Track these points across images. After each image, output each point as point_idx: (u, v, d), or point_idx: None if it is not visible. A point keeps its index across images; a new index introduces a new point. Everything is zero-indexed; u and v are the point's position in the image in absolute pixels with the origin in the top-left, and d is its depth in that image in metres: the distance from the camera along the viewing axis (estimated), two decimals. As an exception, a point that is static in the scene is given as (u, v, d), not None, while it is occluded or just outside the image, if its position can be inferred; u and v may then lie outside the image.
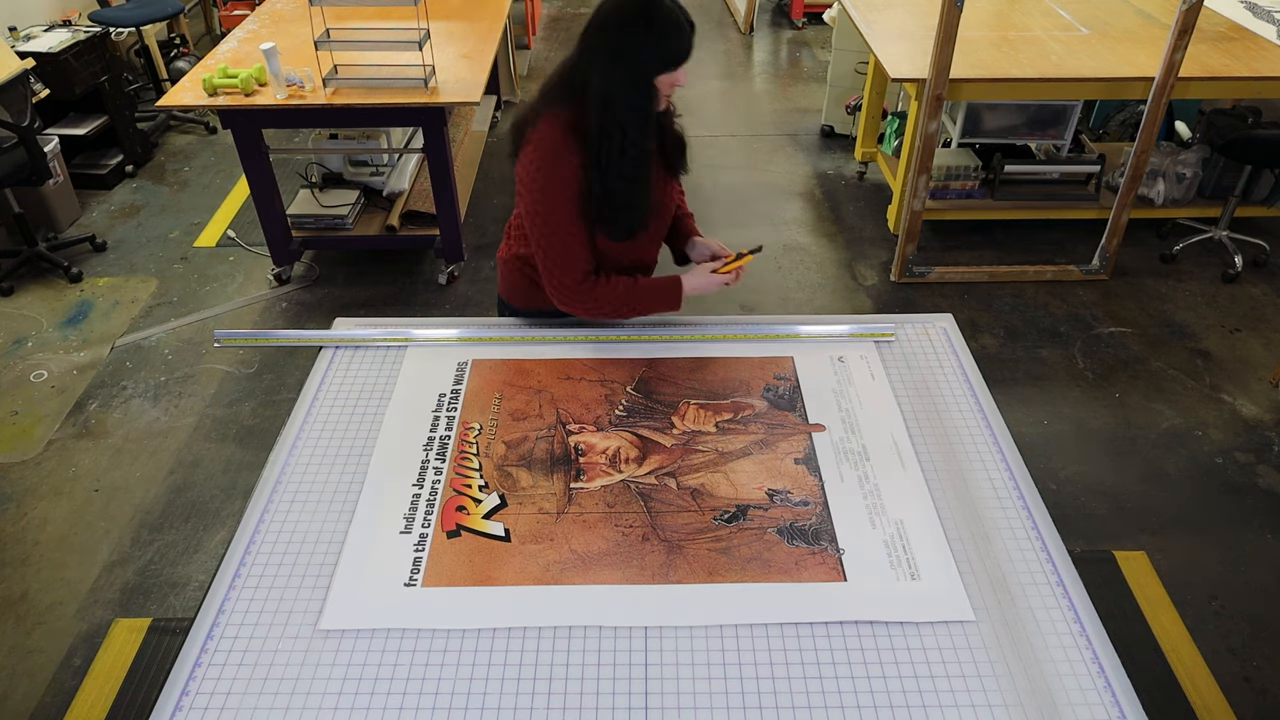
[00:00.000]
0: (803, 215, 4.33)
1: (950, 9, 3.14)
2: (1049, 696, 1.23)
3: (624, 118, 1.61)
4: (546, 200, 1.68)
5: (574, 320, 1.94)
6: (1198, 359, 3.39)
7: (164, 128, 5.10)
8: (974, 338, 3.49)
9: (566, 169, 1.65)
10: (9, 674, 2.31)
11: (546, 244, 1.72)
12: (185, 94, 3.32)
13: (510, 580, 1.38)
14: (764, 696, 1.23)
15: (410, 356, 1.85)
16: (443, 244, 3.75)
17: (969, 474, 1.58)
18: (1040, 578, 1.39)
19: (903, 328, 1.95)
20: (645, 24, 1.55)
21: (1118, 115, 4.73)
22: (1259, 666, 2.34)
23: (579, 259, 1.73)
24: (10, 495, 2.82)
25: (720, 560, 1.41)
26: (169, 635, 2.40)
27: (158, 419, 3.11)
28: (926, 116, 3.44)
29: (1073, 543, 1.57)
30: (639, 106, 1.62)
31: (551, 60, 6.17)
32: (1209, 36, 3.78)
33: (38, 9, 4.81)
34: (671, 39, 1.57)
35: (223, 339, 1.95)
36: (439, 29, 3.79)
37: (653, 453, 1.62)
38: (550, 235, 1.70)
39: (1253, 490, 2.84)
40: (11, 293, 3.75)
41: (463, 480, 1.56)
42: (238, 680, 1.25)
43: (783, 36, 6.69)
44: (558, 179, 1.65)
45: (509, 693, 1.23)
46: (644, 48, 1.56)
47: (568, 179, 1.66)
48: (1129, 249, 3.94)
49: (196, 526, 2.71)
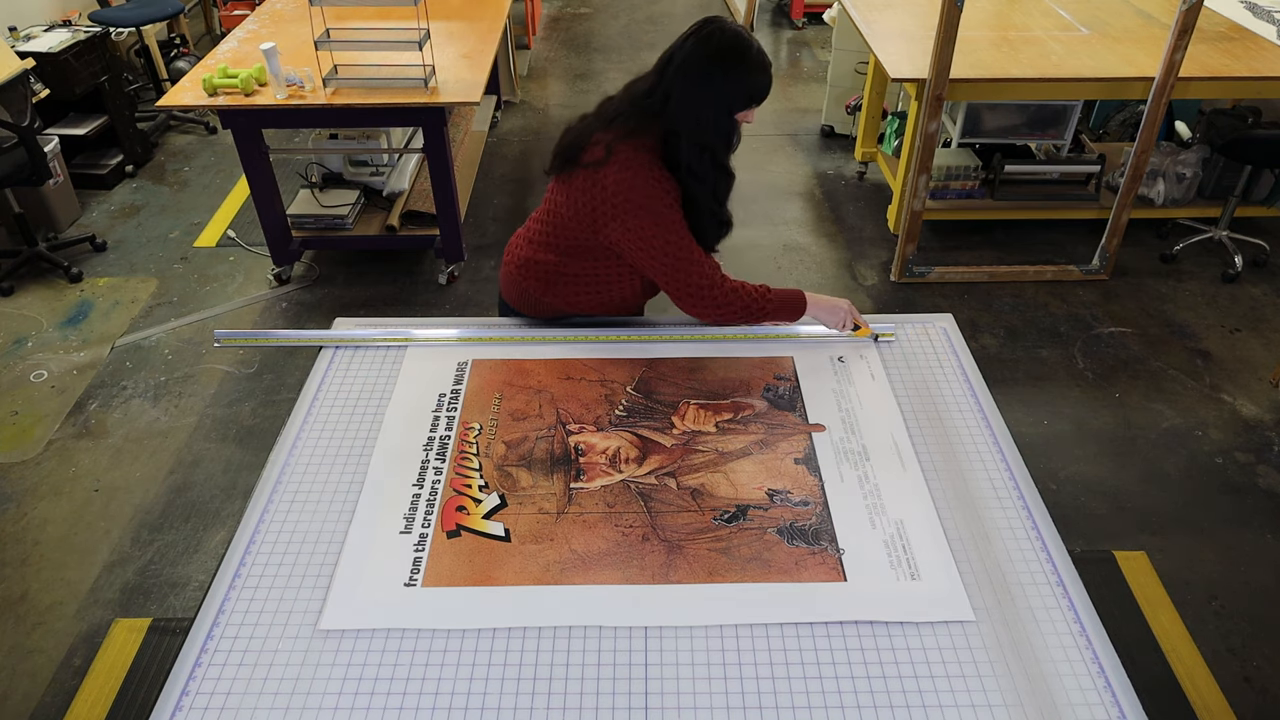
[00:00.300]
0: (803, 215, 4.33)
1: (950, 9, 3.14)
2: (1049, 696, 1.23)
3: (715, 145, 1.71)
4: (661, 218, 1.71)
5: (574, 320, 1.94)
6: (1198, 359, 3.39)
7: (164, 128, 5.10)
8: (974, 338, 3.49)
9: (663, 185, 1.71)
10: (9, 674, 2.31)
11: (674, 257, 1.73)
12: (185, 94, 3.32)
13: (510, 580, 1.38)
14: (764, 696, 1.23)
15: (410, 356, 1.85)
16: (443, 244, 3.75)
17: (969, 474, 1.58)
18: (1040, 578, 1.39)
19: (903, 328, 1.95)
20: (739, 63, 1.66)
21: (1118, 115, 4.73)
22: (1259, 666, 2.34)
23: (706, 260, 1.77)
24: (10, 495, 2.82)
25: (720, 560, 1.41)
26: (169, 635, 2.40)
27: (158, 419, 3.11)
28: (926, 116, 3.44)
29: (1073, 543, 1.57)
30: (726, 134, 1.73)
31: (552, 60, 6.17)
32: (1209, 36, 3.79)
33: (38, 9, 4.81)
34: (761, 78, 1.69)
35: (223, 339, 1.95)
36: (439, 29, 3.79)
37: (653, 453, 1.62)
38: (675, 247, 1.73)
39: (1253, 490, 2.84)
40: (11, 293, 3.75)
41: (463, 480, 1.56)
42: (238, 680, 1.25)
43: (783, 36, 6.69)
44: (662, 193, 1.71)
45: (509, 693, 1.23)
46: (735, 84, 1.67)
47: (670, 192, 1.72)
48: (1129, 249, 3.94)
49: (196, 526, 2.71)
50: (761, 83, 1.68)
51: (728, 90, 1.66)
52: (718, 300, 1.77)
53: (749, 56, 1.65)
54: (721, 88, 1.66)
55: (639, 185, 1.69)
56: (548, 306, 1.94)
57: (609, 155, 1.71)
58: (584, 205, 1.75)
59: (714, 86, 1.66)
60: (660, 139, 1.71)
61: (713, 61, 1.65)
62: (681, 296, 1.78)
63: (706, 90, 1.66)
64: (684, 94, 1.66)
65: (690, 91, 1.66)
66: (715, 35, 1.65)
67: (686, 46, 1.67)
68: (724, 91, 1.66)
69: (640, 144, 1.71)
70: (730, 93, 1.67)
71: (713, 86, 1.66)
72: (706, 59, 1.65)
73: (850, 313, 1.88)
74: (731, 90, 1.66)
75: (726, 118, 1.70)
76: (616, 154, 1.70)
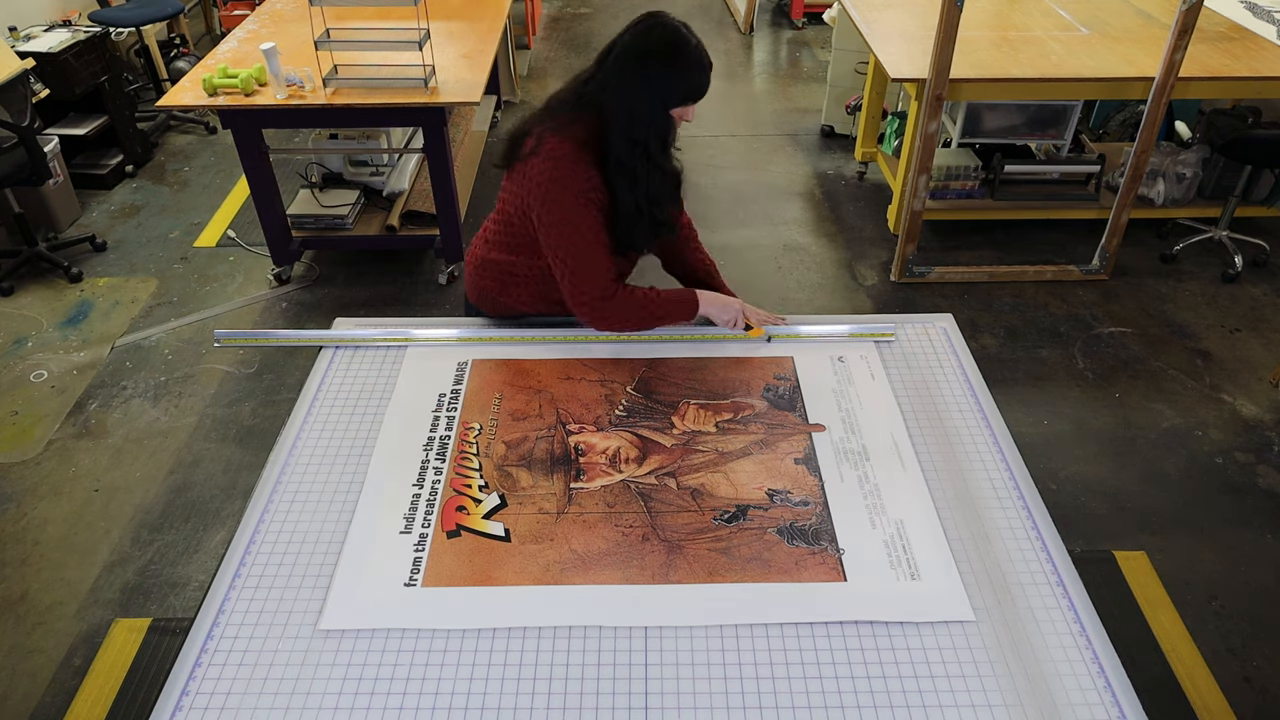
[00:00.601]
0: (803, 215, 4.33)
1: (950, 9, 3.14)
2: (1049, 696, 1.23)
3: (648, 140, 1.68)
4: (570, 215, 1.70)
5: (574, 320, 1.94)
6: (1198, 359, 3.39)
7: (164, 128, 5.10)
8: (974, 338, 3.49)
9: (584, 182, 1.68)
10: (9, 674, 2.31)
11: (573, 258, 1.73)
12: (185, 94, 3.32)
13: (510, 580, 1.38)
14: (764, 696, 1.23)
15: (410, 356, 1.85)
16: (443, 244, 3.75)
17: (969, 474, 1.58)
18: (1040, 578, 1.39)
19: (903, 328, 1.95)
20: (675, 58, 1.64)
21: (1118, 115, 4.73)
22: (1259, 666, 2.34)
23: (605, 270, 1.75)
24: (10, 495, 2.82)
25: (720, 560, 1.41)
26: (169, 635, 2.40)
27: (158, 419, 3.11)
28: (926, 116, 3.44)
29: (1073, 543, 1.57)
30: (660, 132, 1.69)
31: (552, 60, 6.17)
32: (1209, 36, 3.78)
33: (38, 9, 4.81)
34: (697, 75, 1.67)
35: (223, 339, 1.95)
36: (439, 29, 3.79)
37: (653, 453, 1.62)
38: (577, 249, 1.72)
39: (1253, 490, 2.84)
40: (11, 293, 3.75)
41: (463, 480, 1.56)
42: (238, 680, 1.25)
43: (783, 36, 6.69)
44: (576, 192, 1.68)
45: (509, 693, 1.23)
46: (669, 79, 1.65)
47: (587, 192, 1.69)
48: (1129, 249, 3.94)
49: (196, 526, 2.71)
50: (696, 80, 1.66)
51: (662, 85, 1.64)
52: (605, 312, 1.77)
53: (685, 52, 1.64)
54: (656, 82, 1.64)
55: (557, 177, 1.68)
56: (507, 306, 1.94)
57: (538, 145, 1.71)
58: (520, 198, 1.76)
59: (648, 80, 1.64)
60: (595, 132, 1.70)
61: (648, 55, 1.63)
62: (571, 300, 1.78)
63: (640, 83, 1.64)
64: (619, 86, 1.65)
65: (624, 84, 1.65)
66: (654, 29, 1.64)
67: (625, 38, 1.66)
68: (658, 85, 1.64)
69: (571, 135, 1.69)
70: (664, 87, 1.65)
71: (647, 80, 1.64)
72: (642, 52, 1.64)
73: (743, 312, 1.87)
74: (666, 85, 1.65)
75: (661, 113, 1.67)
76: (544, 144, 1.70)
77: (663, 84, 1.65)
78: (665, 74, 1.64)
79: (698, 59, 1.65)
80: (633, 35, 1.65)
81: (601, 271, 1.74)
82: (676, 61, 1.64)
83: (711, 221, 4.20)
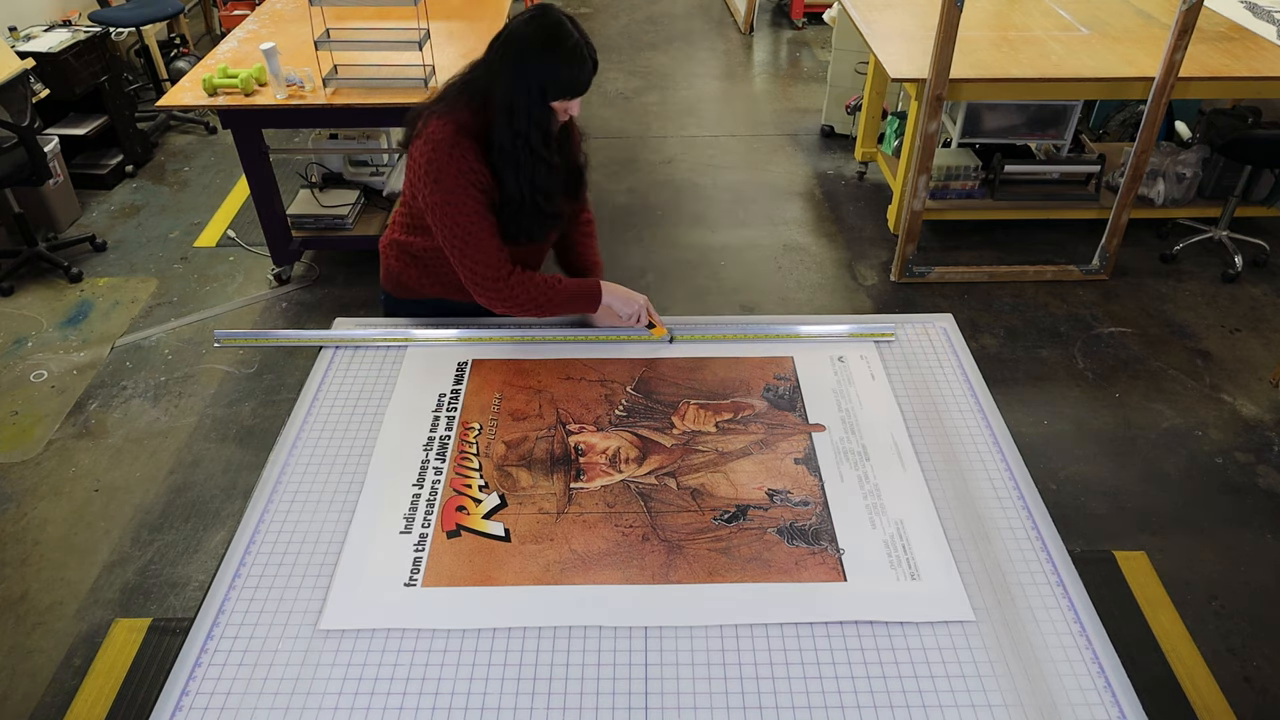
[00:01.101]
0: (803, 215, 4.33)
1: (950, 9, 3.14)
2: (1049, 696, 1.23)
3: (527, 130, 1.68)
4: (452, 196, 1.70)
5: (574, 320, 1.94)
6: (1198, 359, 3.39)
7: (164, 128, 5.10)
8: (974, 338, 3.49)
9: (464, 164, 1.69)
10: (9, 674, 2.31)
11: (461, 239, 1.73)
12: (185, 94, 3.32)
13: (510, 580, 1.38)
14: (764, 696, 1.23)
15: (410, 356, 1.85)
16: (443, 244, 3.74)
17: (969, 474, 1.58)
18: (1040, 578, 1.39)
19: (903, 328, 1.95)
20: (552, 50, 1.64)
21: (1118, 115, 4.73)
22: (1259, 666, 2.34)
23: (496, 250, 1.75)
24: (10, 495, 2.82)
25: (720, 560, 1.41)
26: (169, 635, 2.40)
27: (158, 419, 3.11)
28: (926, 116, 3.44)
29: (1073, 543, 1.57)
30: (540, 123, 1.70)
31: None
32: (1209, 36, 3.79)
33: (38, 9, 4.81)
34: (574, 69, 1.66)
35: (223, 339, 1.95)
36: (439, 29, 3.79)
37: (653, 453, 1.62)
38: (463, 230, 1.72)
39: (1253, 490, 2.84)
40: (11, 293, 3.75)
41: (463, 480, 1.56)
42: (238, 680, 1.25)
43: (783, 36, 6.69)
44: (456, 173, 1.69)
45: (509, 693, 1.23)
46: (547, 72, 1.65)
47: (467, 174, 1.69)
48: (1129, 249, 3.94)
49: (196, 526, 2.71)
50: (573, 74, 1.66)
51: (540, 76, 1.64)
52: (502, 293, 1.77)
53: (564, 45, 1.63)
54: (534, 73, 1.64)
55: (437, 159, 1.68)
56: (413, 289, 1.96)
57: (423, 128, 1.72)
58: (410, 181, 1.78)
59: (527, 70, 1.64)
60: (480, 117, 1.70)
61: (529, 45, 1.63)
62: (468, 282, 1.78)
63: (520, 72, 1.64)
64: (500, 74, 1.66)
65: (506, 72, 1.65)
66: (536, 20, 1.64)
67: (511, 26, 1.66)
68: (536, 76, 1.64)
69: (456, 118, 1.70)
70: (543, 78, 1.64)
71: (526, 70, 1.64)
72: (523, 41, 1.64)
73: (646, 309, 1.87)
74: (544, 76, 1.64)
75: (540, 104, 1.67)
76: (428, 126, 1.71)
77: (541, 76, 1.64)
78: (543, 66, 1.64)
79: (577, 54, 1.64)
80: (517, 25, 1.66)
81: (491, 251, 1.74)
82: (554, 54, 1.63)
83: (711, 221, 4.20)
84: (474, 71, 1.73)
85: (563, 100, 1.69)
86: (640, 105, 5.47)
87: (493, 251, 1.75)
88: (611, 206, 4.36)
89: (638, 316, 1.87)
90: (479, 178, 1.71)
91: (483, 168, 1.71)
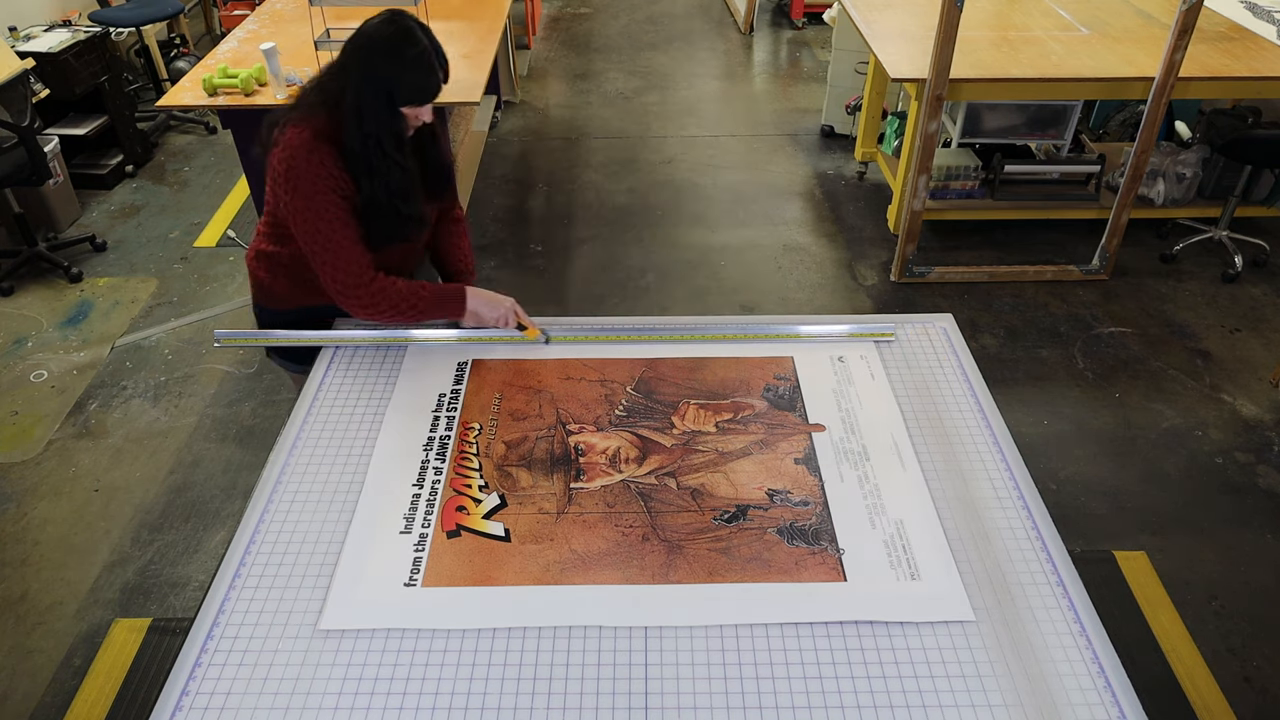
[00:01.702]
0: (803, 215, 4.33)
1: (950, 9, 3.14)
2: (1049, 696, 1.23)
3: (377, 134, 1.68)
4: (311, 202, 1.69)
5: (574, 320, 1.94)
6: (1198, 359, 3.39)
7: (164, 128, 5.10)
8: (974, 338, 3.49)
9: (322, 169, 1.68)
10: (9, 674, 2.31)
11: (321, 245, 1.72)
12: (185, 94, 3.32)
13: (510, 580, 1.38)
14: (764, 696, 1.23)
15: (410, 356, 1.85)
16: (443, 244, 3.74)
17: (969, 474, 1.58)
18: (1040, 578, 1.39)
19: (903, 328, 1.95)
20: (398, 56, 1.64)
21: (1118, 115, 4.73)
22: (1259, 666, 2.34)
23: (357, 256, 1.74)
24: (10, 495, 2.82)
25: (720, 560, 1.41)
26: (169, 635, 2.40)
27: (158, 419, 3.11)
28: (926, 116, 3.44)
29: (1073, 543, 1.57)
30: (390, 127, 1.69)
31: (552, 60, 6.18)
32: (1209, 36, 3.78)
33: (38, 9, 4.81)
34: (420, 76, 1.67)
35: (223, 339, 1.95)
36: (439, 29, 3.75)
37: (653, 453, 1.62)
38: (324, 236, 1.72)
39: (1253, 490, 2.84)
40: (11, 293, 3.75)
41: (463, 480, 1.56)
42: (238, 680, 1.25)
43: (783, 36, 6.69)
44: (314, 179, 1.68)
45: (509, 693, 1.23)
46: (394, 77, 1.65)
47: (325, 179, 1.68)
48: (1129, 249, 3.94)
49: (196, 526, 2.71)
50: (418, 81, 1.66)
51: (387, 82, 1.64)
52: (363, 299, 1.77)
53: (409, 52, 1.64)
54: (380, 79, 1.64)
55: (296, 166, 1.68)
56: (288, 300, 1.96)
57: (280, 134, 1.71)
58: (271, 189, 1.77)
59: (375, 75, 1.64)
60: (337, 122, 1.69)
61: (375, 49, 1.64)
62: (330, 289, 1.77)
63: (368, 77, 1.64)
64: (351, 78, 1.66)
65: (355, 75, 1.65)
66: (387, 25, 1.65)
67: (361, 30, 1.67)
68: (384, 81, 1.64)
69: (312, 124, 1.69)
70: (389, 84, 1.65)
71: (374, 75, 1.64)
72: (370, 46, 1.64)
73: (514, 312, 1.86)
74: (390, 82, 1.64)
75: (387, 108, 1.67)
76: (286, 131, 1.70)
77: (388, 81, 1.64)
78: (390, 71, 1.64)
79: (421, 61, 1.65)
80: (366, 29, 1.66)
81: (353, 257, 1.74)
82: (401, 60, 1.64)
83: (711, 221, 4.20)
84: (327, 75, 1.72)
85: (411, 106, 1.69)
86: (640, 105, 5.47)
87: (354, 257, 1.74)
88: (611, 206, 4.37)
89: (505, 319, 1.86)
90: (338, 183, 1.70)
91: (341, 173, 1.70)
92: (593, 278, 3.85)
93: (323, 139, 1.68)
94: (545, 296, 3.73)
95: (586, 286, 3.80)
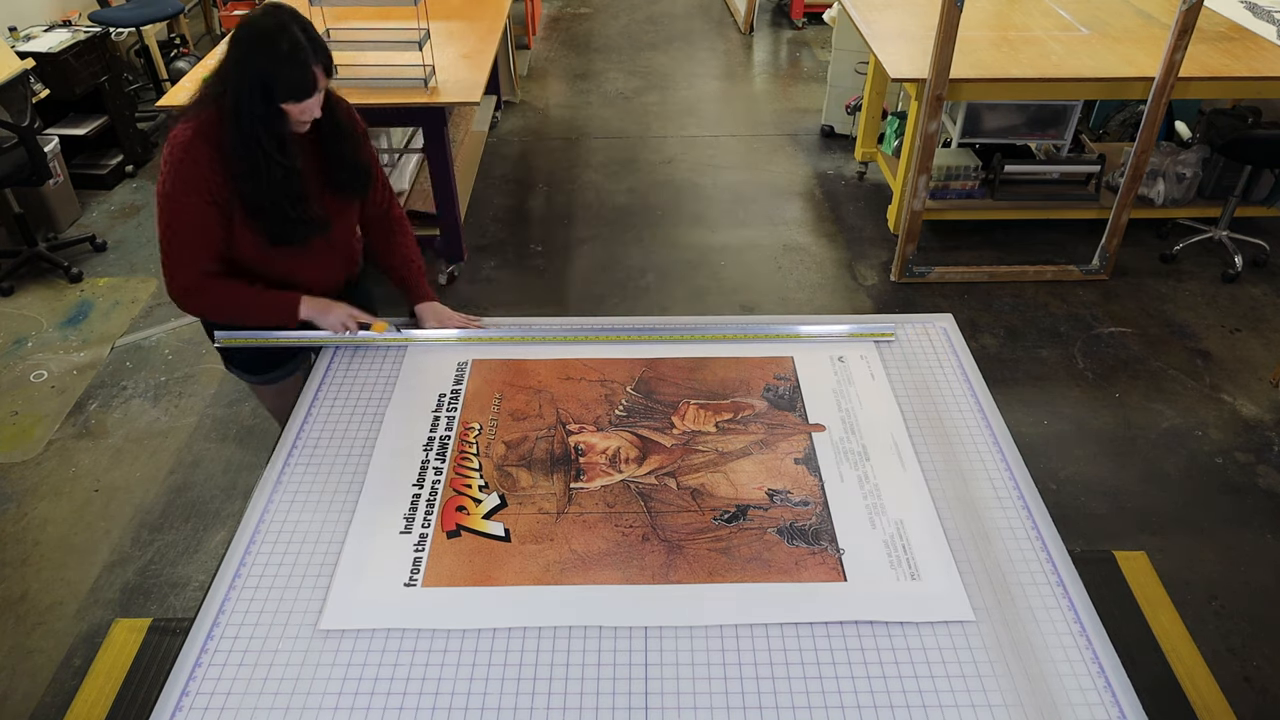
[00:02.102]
0: (803, 215, 4.33)
1: (950, 9, 3.14)
2: (1049, 696, 1.23)
3: (255, 133, 1.64)
4: (170, 200, 1.68)
5: (574, 320, 1.94)
6: (1198, 359, 3.39)
7: (164, 128, 5.10)
8: (974, 338, 3.49)
9: (193, 170, 1.66)
10: (9, 674, 2.31)
11: (166, 239, 1.72)
12: (185, 94, 3.31)
13: (510, 580, 1.38)
14: (764, 696, 1.23)
15: (410, 356, 1.86)
16: (443, 244, 3.75)
17: (969, 474, 1.58)
18: (1040, 578, 1.39)
19: (903, 328, 1.95)
20: (270, 51, 1.60)
21: (1118, 115, 4.73)
22: (1259, 666, 2.34)
23: (191, 259, 1.74)
24: (10, 495, 2.82)
25: (720, 560, 1.41)
26: (169, 635, 2.39)
27: (158, 419, 3.11)
28: (926, 116, 3.44)
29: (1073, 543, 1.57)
30: (270, 126, 1.65)
31: (552, 60, 6.17)
32: (1209, 36, 3.78)
33: (38, 9, 4.80)
34: (293, 70, 1.61)
35: (223, 339, 1.95)
36: (439, 29, 3.79)
37: (653, 453, 1.62)
38: (171, 231, 1.71)
39: (1253, 490, 2.84)
40: (11, 293, 3.75)
41: (463, 480, 1.56)
42: (238, 680, 1.25)
43: (783, 36, 6.69)
44: (182, 178, 1.66)
45: (509, 693, 1.23)
46: (267, 72, 1.60)
47: (192, 180, 1.66)
48: (1129, 249, 3.94)
49: (196, 526, 2.71)
50: (289, 75, 1.61)
51: (261, 76, 1.60)
52: (186, 304, 1.79)
53: (279, 46, 1.59)
54: (254, 74, 1.60)
55: (171, 160, 1.67)
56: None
57: (172, 128, 1.70)
58: None
59: (249, 70, 1.60)
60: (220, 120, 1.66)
61: (247, 43, 1.61)
62: (168, 288, 1.78)
63: (243, 71, 1.61)
64: (231, 74, 1.62)
65: (232, 71, 1.62)
66: (260, 20, 1.61)
67: (241, 23, 1.63)
68: (258, 76, 1.60)
69: (199, 122, 1.67)
70: (264, 79, 1.60)
71: (249, 68, 1.60)
72: (243, 40, 1.61)
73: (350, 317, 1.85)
74: (264, 76, 1.60)
75: (263, 104, 1.62)
76: (175, 127, 1.69)
77: (262, 76, 1.60)
78: (264, 68, 1.60)
79: (291, 55, 1.59)
80: (242, 22, 1.63)
81: (187, 263, 1.74)
82: (272, 54, 1.59)
83: (711, 221, 4.20)
84: (215, 71, 1.68)
85: (290, 103, 1.64)
86: (640, 105, 5.47)
87: (188, 264, 1.74)
88: (611, 206, 4.37)
89: (342, 325, 1.85)
90: (208, 184, 1.67)
91: (215, 174, 1.67)
92: (593, 278, 3.85)
93: (202, 138, 1.66)
94: (545, 296, 3.73)
95: (586, 286, 3.80)
